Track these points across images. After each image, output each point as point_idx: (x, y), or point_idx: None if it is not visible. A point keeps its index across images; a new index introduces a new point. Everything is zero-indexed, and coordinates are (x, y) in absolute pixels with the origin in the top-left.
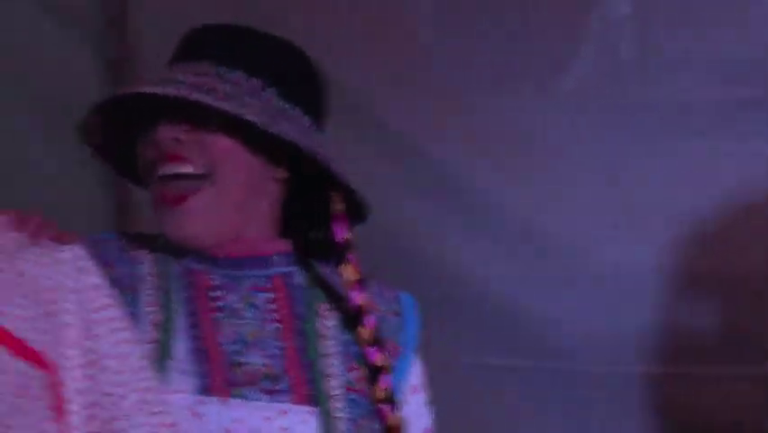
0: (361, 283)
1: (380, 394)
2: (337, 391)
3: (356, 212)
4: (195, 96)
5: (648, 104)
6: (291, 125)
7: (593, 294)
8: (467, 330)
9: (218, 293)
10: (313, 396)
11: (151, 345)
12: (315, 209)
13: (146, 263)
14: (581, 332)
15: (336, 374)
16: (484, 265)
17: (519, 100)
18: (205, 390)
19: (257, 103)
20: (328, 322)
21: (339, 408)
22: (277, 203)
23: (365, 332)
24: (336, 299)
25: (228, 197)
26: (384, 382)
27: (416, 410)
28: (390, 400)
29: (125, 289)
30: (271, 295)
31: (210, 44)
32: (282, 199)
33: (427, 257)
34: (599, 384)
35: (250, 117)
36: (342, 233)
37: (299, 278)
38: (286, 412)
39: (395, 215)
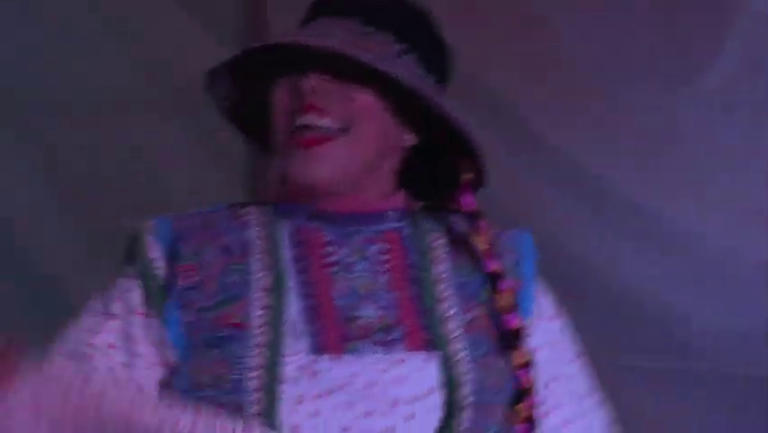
0: (492, 250)
1: (520, 360)
2: (456, 333)
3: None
4: (353, 52)
5: None
6: (430, 92)
7: (726, 292)
8: (603, 330)
9: (331, 249)
10: (430, 341)
11: (264, 311)
12: (438, 176)
13: (254, 228)
14: (711, 330)
15: (454, 317)
16: (622, 264)
17: (664, 98)
18: (319, 348)
19: (400, 67)
20: (442, 267)
21: (459, 349)
22: (397, 166)
23: (501, 298)
24: (460, 244)
25: (358, 152)
26: (522, 345)
27: (551, 338)
28: (528, 366)
29: (235, 256)
30: (384, 246)
31: (359, 2)
32: (402, 164)
33: (564, 254)
34: (728, 385)
35: (406, 81)
36: (471, 201)
37: (413, 229)
38: (402, 361)
39: (531, 211)
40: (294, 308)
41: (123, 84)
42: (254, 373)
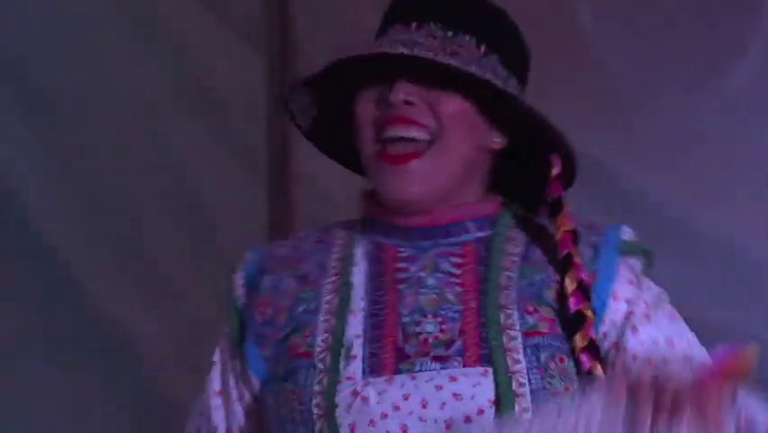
0: (572, 235)
1: (581, 342)
2: (515, 343)
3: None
4: (444, 58)
5: None
6: (515, 93)
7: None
8: None
9: (404, 264)
10: (486, 355)
11: (326, 336)
12: (526, 178)
13: (335, 249)
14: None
15: (514, 324)
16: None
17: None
18: (373, 370)
19: (486, 69)
20: (510, 273)
21: (518, 359)
22: (489, 170)
23: (570, 283)
24: (538, 241)
25: (450, 163)
26: (586, 330)
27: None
28: (592, 349)
29: (310, 282)
30: (459, 260)
31: (437, 6)
32: (490, 169)
33: None
34: None
35: (497, 83)
36: (556, 190)
37: (492, 238)
38: (456, 378)
39: None
40: (355, 329)
41: (152, 83)
42: (316, 401)
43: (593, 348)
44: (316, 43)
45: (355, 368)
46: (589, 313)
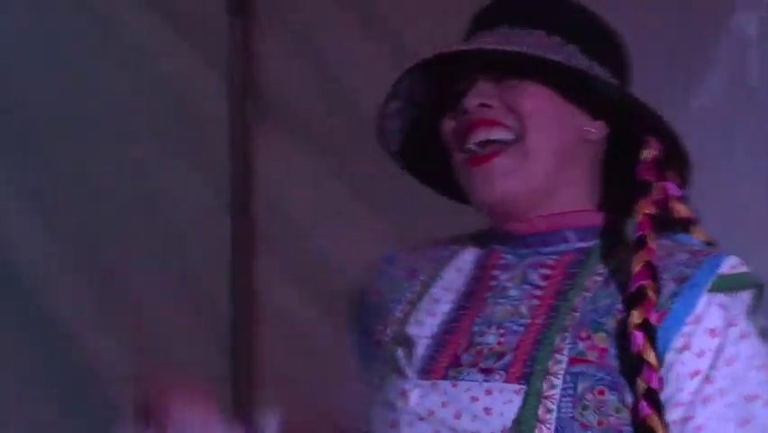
0: (648, 266)
1: (641, 388)
2: (558, 366)
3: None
4: (514, 48)
5: None
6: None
7: None
8: None
9: (497, 272)
10: (528, 374)
11: (396, 328)
12: (632, 167)
13: (454, 254)
14: None
15: (565, 347)
16: None
17: None
18: (425, 372)
19: (561, 58)
20: (587, 294)
21: (555, 384)
22: (594, 173)
23: (636, 316)
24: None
25: (537, 159)
26: (646, 376)
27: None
28: (650, 398)
29: (411, 278)
30: (548, 271)
31: (503, 10)
32: (600, 170)
33: None
34: None
35: (574, 64)
36: (646, 174)
37: (588, 252)
38: (491, 392)
39: None
40: (427, 330)
41: (119, 106)
42: (371, 392)
43: (652, 397)
44: (281, 68)
45: (412, 367)
46: (649, 358)
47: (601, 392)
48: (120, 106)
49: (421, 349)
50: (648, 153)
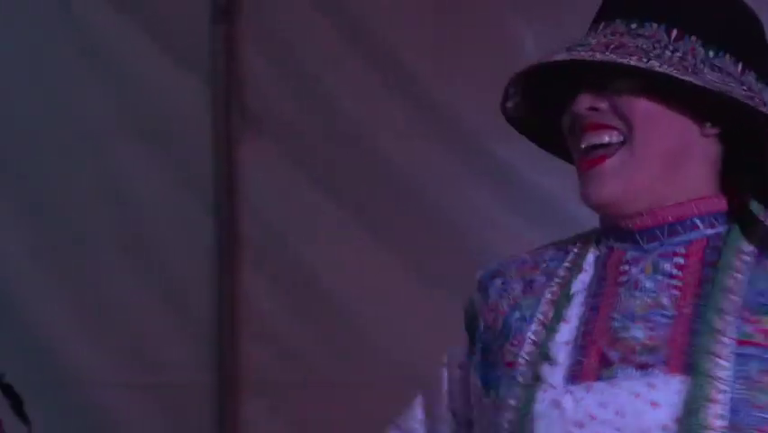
0: None
1: None
2: (724, 348)
3: None
4: (594, 55)
5: None
6: (718, 74)
7: None
8: None
9: (625, 267)
10: (691, 363)
11: (532, 347)
12: (755, 164)
13: (569, 258)
14: None
15: (728, 329)
16: None
17: None
18: (574, 377)
19: (676, 54)
20: (737, 276)
21: (723, 365)
22: (712, 161)
23: None
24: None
25: (647, 160)
26: None
27: None
28: None
29: (533, 291)
30: (681, 260)
31: (620, 2)
32: (719, 156)
33: None
34: None
35: (662, 69)
36: None
37: (722, 237)
38: (655, 385)
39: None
40: (565, 336)
41: (98, 112)
42: (510, 416)
43: None
44: (262, 72)
45: (558, 376)
46: None
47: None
48: (102, 115)
49: (563, 356)
50: None
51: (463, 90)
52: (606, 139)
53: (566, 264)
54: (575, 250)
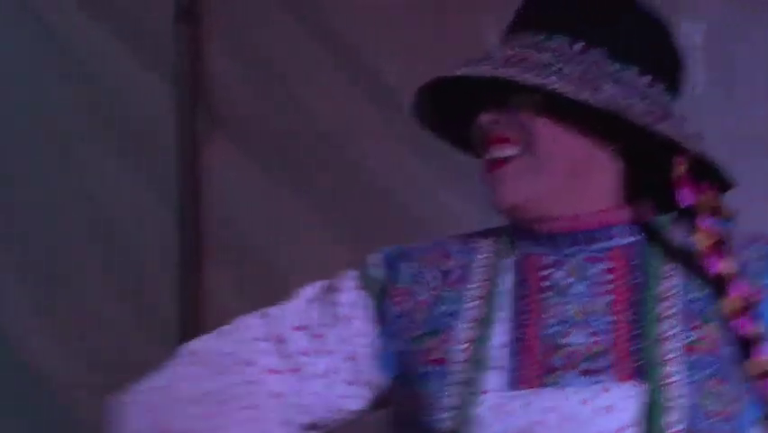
0: (717, 249)
1: (755, 368)
2: (673, 355)
3: (715, 176)
4: (487, 71)
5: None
6: (621, 88)
7: None
8: None
9: (547, 271)
10: (640, 368)
11: (466, 345)
12: (660, 175)
13: (481, 254)
14: None
15: (673, 337)
16: None
17: None
18: (517, 383)
19: (578, 69)
20: (670, 283)
21: (674, 372)
22: (615, 174)
23: (729, 302)
24: (690, 263)
25: (547, 171)
26: (757, 353)
27: None
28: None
29: (452, 282)
30: (608, 265)
31: (530, 12)
32: (624, 168)
33: None
34: None
35: (557, 86)
36: (686, 198)
37: (644, 245)
38: (607, 390)
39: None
40: (499, 340)
41: (64, 112)
42: (446, 415)
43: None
44: (227, 72)
45: (499, 380)
46: (757, 335)
47: (721, 382)
48: (64, 115)
49: (501, 360)
50: (678, 171)
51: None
52: (507, 152)
53: (481, 262)
54: (486, 248)
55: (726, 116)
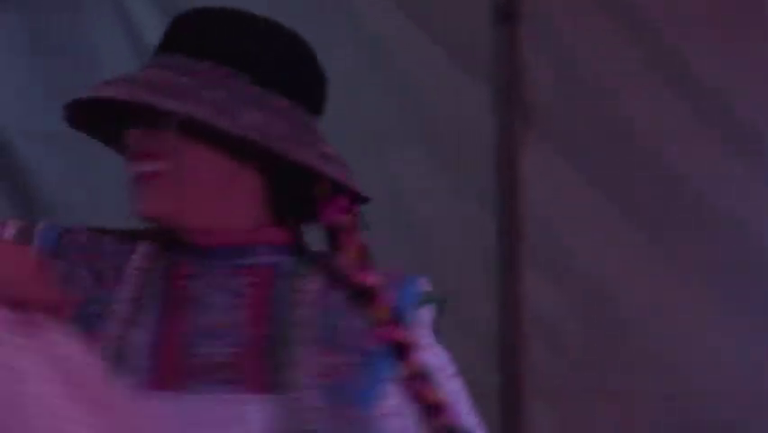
0: (362, 263)
1: (412, 369)
2: (306, 380)
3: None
4: (137, 94)
5: None
6: (262, 112)
7: None
8: None
9: (189, 282)
10: (272, 384)
11: (110, 345)
12: (303, 195)
13: (138, 257)
14: None
15: (308, 362)
16: None
17: None
18: (155, 385)
19: (219, 95)
20: (308, 309)
21: (306, 395)
22: (257, 192)
23: (377, 311)
24: (337, 284)
25: (188, 187)
26: (414, 357)
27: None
28: (423, 375)
29: (103, 283)
30: (248, 280)
31: (182, 34)
32: (266, 187)
33: None
34: None
35: (192, 112)
36: (327, 216)
37: (289, 267)
38: (240, 402)
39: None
40: (139, 342)
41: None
42: None
43: (424, 374)
44: (544, 74)
45: (137, 380)
46: (409, 339)
47: (355, 409)
48: (378, 115)
49: (138, 360)
50: (317, 190)
51: (752, 89)
52: (149, 168)
53: (135, 264)
54: (141, 250)
55: None
